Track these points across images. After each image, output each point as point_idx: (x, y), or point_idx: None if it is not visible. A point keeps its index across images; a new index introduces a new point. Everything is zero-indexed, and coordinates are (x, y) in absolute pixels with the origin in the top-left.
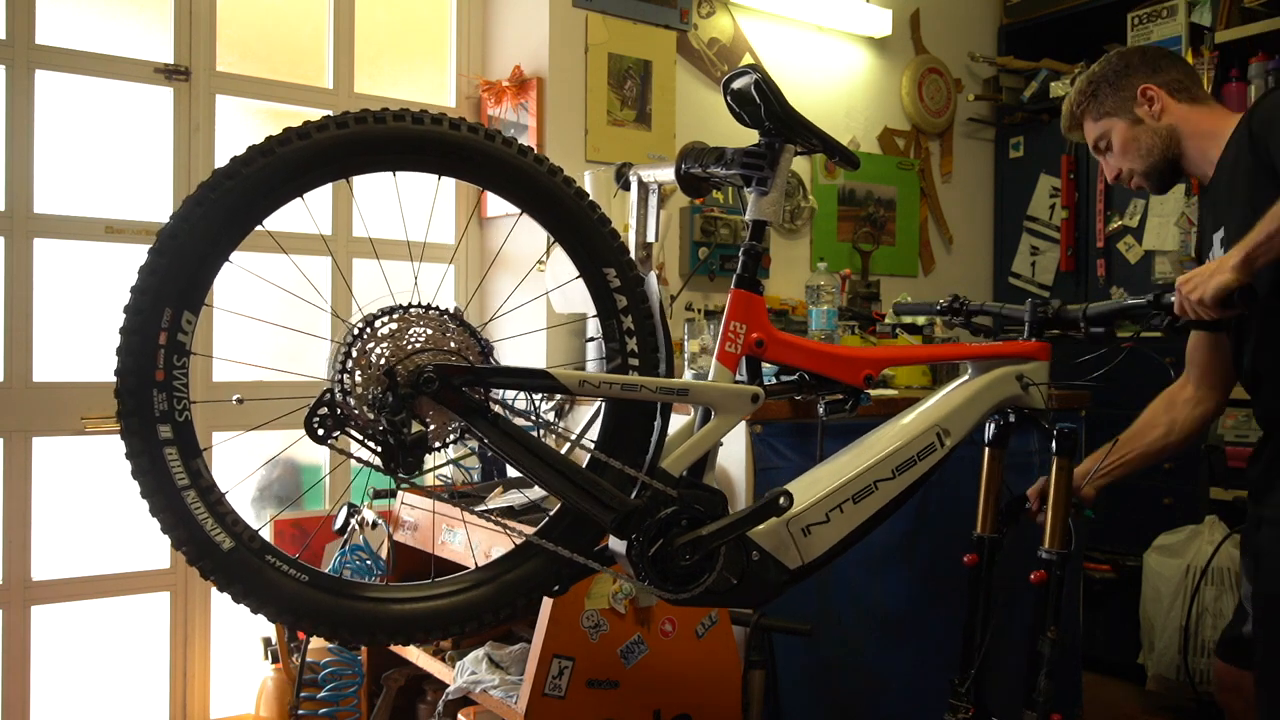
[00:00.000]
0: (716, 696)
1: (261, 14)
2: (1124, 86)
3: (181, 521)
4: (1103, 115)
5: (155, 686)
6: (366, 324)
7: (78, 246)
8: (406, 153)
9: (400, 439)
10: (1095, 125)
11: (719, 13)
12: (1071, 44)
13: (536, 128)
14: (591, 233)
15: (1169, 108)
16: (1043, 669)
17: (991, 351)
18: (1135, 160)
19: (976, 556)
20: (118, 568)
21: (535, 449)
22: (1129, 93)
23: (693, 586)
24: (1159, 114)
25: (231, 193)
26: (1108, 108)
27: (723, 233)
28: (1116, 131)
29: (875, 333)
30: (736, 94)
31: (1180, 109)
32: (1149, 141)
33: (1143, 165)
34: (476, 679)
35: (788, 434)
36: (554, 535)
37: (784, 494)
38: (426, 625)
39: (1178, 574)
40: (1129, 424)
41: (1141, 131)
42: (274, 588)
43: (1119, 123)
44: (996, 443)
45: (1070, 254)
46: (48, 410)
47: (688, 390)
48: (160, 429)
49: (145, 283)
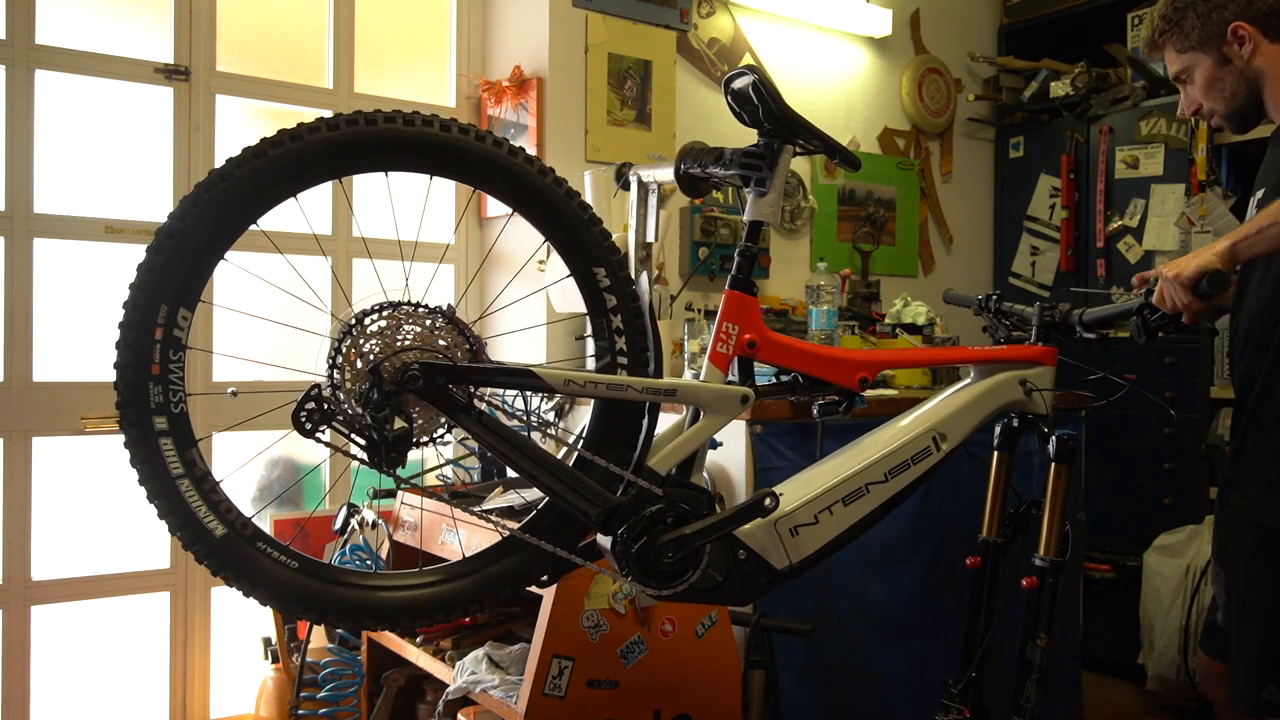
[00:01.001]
0: (716, 696)
1: (261, 14)
2: (1214, 19)
3: (175, 508)
4: (1188, 48)
5: (155, 686)
6: (357, 321)
7: (78, 246)
8: (398, 154)
9: (384, 435)
10: (1179, 58)
11: (719, 13)
12: (1071, 44)
13: (536, 128)
14: (582, 232)
15: (1261, 48)
16: (1032, 676)
17: (994, 356)
18: (1218, 101)
19: (980, 560)
20: (118, 568)
21: (520, 445)
22: (1219, 28)
23: (677, 583)
24: (1249, 54)
25: (226, 193)
26: (1194, 40)
27: (723, 233)
28: (1201, 68)
29: (875, 333)
30: (736, 94)
31: (1273, 50)
32: (1235, 85)
33: (1225, 108)
34: (476, 679)
35: (787, 434)
36: (539, 529)
37: (770, 495)
38: (412, 612)
39: (1178, 574)
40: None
41: (1228, 73)
42: (265, 573)
43: (1205, 59)
44: (1005, 447)
45: (1070, 254)
46: (48, 410)
47: (675, 390)
48: (156, 420)
49: (143, 280)
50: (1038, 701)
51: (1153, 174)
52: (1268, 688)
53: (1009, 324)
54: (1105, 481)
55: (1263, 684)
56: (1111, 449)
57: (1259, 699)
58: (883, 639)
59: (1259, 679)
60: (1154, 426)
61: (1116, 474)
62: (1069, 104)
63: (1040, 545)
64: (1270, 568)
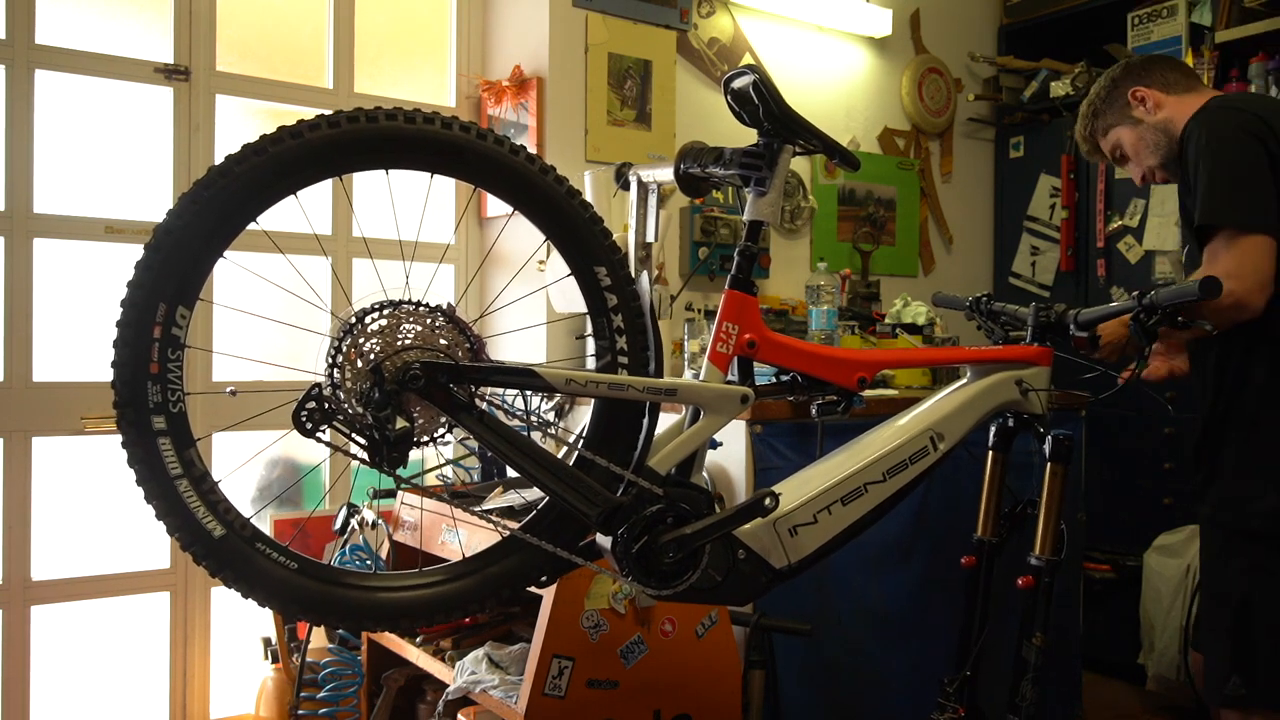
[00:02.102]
0: (716, 696)
1: (261, 14)
2: (1117, 98)
3: (174, 509)
4: (1108, 129)
5: (155, 686)
6: (357, 320)
7: (77, 246)
8: (398, 152)
9: (385, 434)
10: (1106, 141)
11: (719, 12)
12: (1071, 44)
13: (536, 127)
14: (582, 231)
15: (1162, 102)
16: (1027, 675)
17: (990, 356)
18: (1149, 157)
19: (975, 559)
20: (118, 568)
21: (520, 445)
22: (1122, 101)
23: (676, 583)
24: (1154, 109)
25: (226, 190)
26: (1110, 120)
27: (722, 232)
28: (1124, 138)
29: (875, 333)
30: (736, 94)
31: (1172, 100)
32: (1153, 137)
33: (1157, 159)
34: (476, 679)
35: (787, 434)
36: (539, 529)
37: (770, 495)
38: (411, 613)
39: (1178, 574)
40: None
41: (1144, 130)
42: (263, 574)
43: (1123, 130)
44: (999, 446)
45: (1070, 254)
46: (47, 410)
47: (675, 390)
48: (154, 420)
49: (141, 278)
50: (1033, 700)
51: None
52: (1232, 680)
53: (1003, 324)
54: (1105, 481)
55: (1228, 677)
56: (1111, 449)
57: (1224, 691)
58: (882, 639)
59: (1225, 672)
60: (1154, 426)
61: (1116, 474)
62: (1069, 104)
63: (1036, 544)
64: (1230, 566)
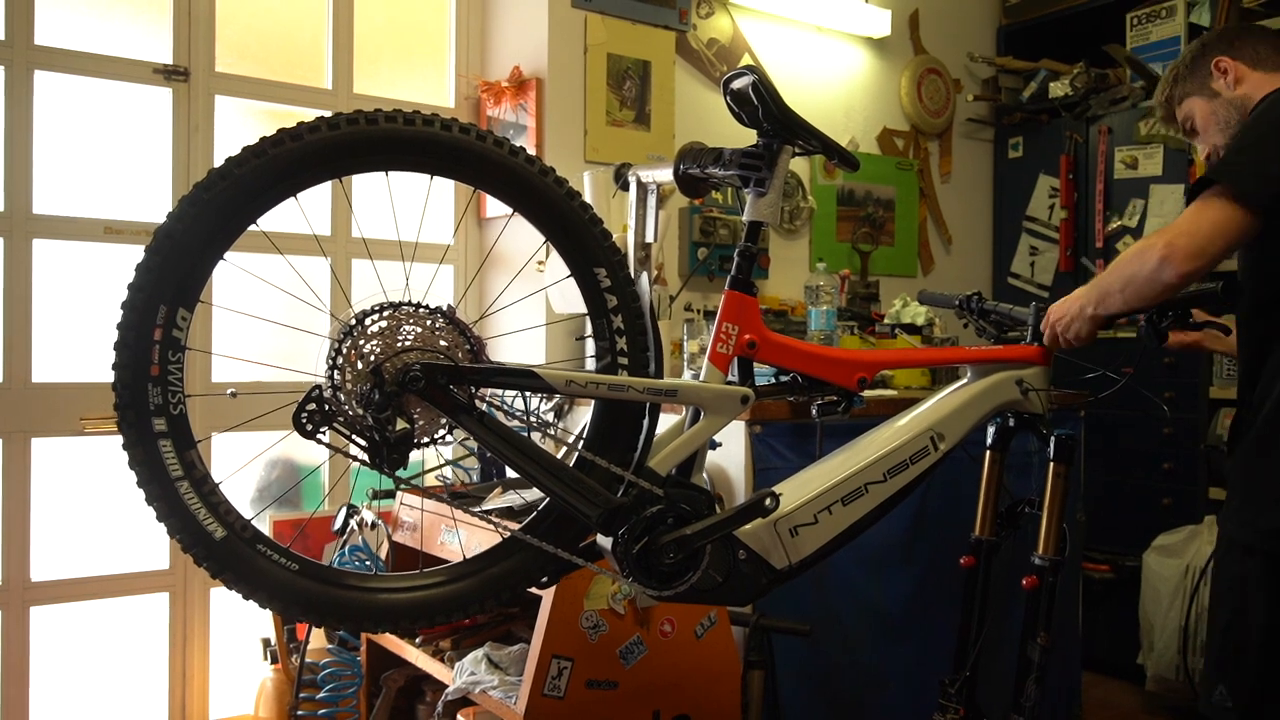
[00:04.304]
0: (716, 697)
1: (261, 15)
2: (1200, 65)
3: (175, 510)
4: (1184, 97)
5: (154, 687)
6: (357, 321)
7: (77, 247)
8: (398, 153)
9: (385, 436)
10: (1180, 110)
11: (718, 13)
12: (1071, 44)
13: (536, 128)
14: (582, 232)
15: (1244, 76)
16: (1031, 674)
17: (990, 356)
18: (1216, 134)
19: (974, 559)
20: (117, 568)
21: (521, 446)
22: (1205, 69)
23: (677, 584)
24: (1234, 83)
25: (225, 192)
26: (1188, 88)
27: (722, 233)
28: (1197, 110)
29: (874, 333)
30: (735, 94)
31: (1256, 76)
32: (1225, 113)
33: (1223, 139)
34: (476, 679)
35: (787, 434)
36: (540, 530)
37: (770, 495)
38: (412, 614)
39: (1177, 574)
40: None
41: (1219, 105)
42: (264, 575)
43: (1198, 100)
44: (997, 446)
45: (1070, 254)
46: (46, 411)
47: (675, 391)
48: (155, 422)
49: (141, 280)
50: (1037, 699)
51: (1152, 174)
52: (1218, 690)
53: (994, 323)
54: (1104, 481)
55: (1214, 686)
56: (1111, 449)
57: (1211, 700)
58: (882, 639)
59: (1213, 681)
60: (1153, 427)
61: (1116, 474)
62: (1068, 104)
63: (1039, 544)
64: (1227, 573)
